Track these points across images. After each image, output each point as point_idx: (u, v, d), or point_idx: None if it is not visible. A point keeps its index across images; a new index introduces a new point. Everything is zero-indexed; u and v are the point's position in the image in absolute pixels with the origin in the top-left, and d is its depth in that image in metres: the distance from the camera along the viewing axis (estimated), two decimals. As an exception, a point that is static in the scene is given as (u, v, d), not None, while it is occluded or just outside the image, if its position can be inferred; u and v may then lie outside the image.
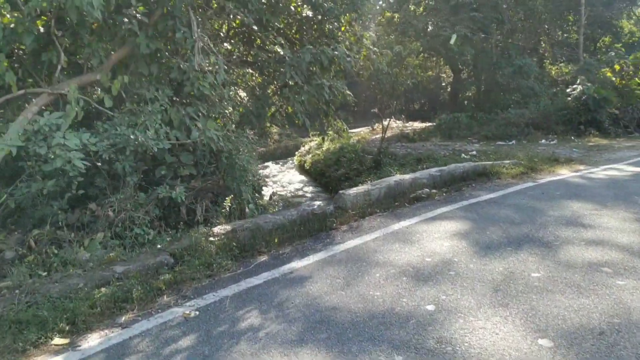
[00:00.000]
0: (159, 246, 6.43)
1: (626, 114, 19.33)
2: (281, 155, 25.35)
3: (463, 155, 15.64)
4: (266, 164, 24.28)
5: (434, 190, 8.82)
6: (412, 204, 8.33)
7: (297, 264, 5.73)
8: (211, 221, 7.76)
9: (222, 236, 6.47)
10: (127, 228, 7.12)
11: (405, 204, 8.27)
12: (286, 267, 5.65)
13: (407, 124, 25.80)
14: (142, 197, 7.60)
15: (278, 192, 16.97)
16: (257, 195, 10.32)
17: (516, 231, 6.47)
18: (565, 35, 28.22)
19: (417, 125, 25.24)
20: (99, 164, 7.61)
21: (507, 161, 11.23)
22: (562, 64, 25.79)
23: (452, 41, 19.27)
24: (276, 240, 6.51)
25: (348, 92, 10.73)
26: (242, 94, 11.17)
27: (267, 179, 19.97)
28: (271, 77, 10.27)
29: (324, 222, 7.21)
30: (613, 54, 22.88)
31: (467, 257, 5.58)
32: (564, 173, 10.69)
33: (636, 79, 20.79)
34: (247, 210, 8.24)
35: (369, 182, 9.10)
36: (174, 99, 8.66)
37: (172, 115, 7.97)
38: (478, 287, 4.77)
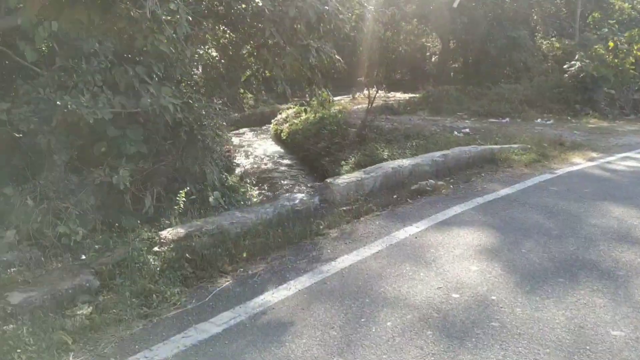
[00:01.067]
0: (83, 257, 4.62)
1: (621, 94, 17.88)
2: (256, 122, 23.31)
3: (455, 132, 13.98)
4: (241, 130, 22.28)
5: (440, 182, 7.11)
6: (414, 198, 6.64)
7: (272, 297, 3.99)
8: (164, 214, 5.97)
9: (172, 245, 4.69)
10: (50, 224, 5.27)
11: (407, 199, 6.56)
12: (257, 302, 3.90)
13: (389, 94, 23.95)
14: (74, 181, 5.75)
15: (252, 166, 15.15)
16: (225, 176, 8.50)
17: (559, 249, 4.83)
18: (554, 9, 26.48)
19: (400, 96, 23.39)
20: (20, 135, 5.73)
21: (515, 145, 9.59)
22: (553, 39, 24.11)
23: (455, 4, 17.45)
24: (244, 255, 4.75)
25: (337, 56, 8.85)
26: (214, 53, 9.22)
27: (240, 148, 18.10)
28: (246, 34, 8.32)
29: (307, 225, 5.47)
30: (606, 30, 21.30)
31: (510, 295, 3.92)
32: (579, 162, 9.09)
33: (630, 58, 19.30)
34: (210, 199, 6.44)
35: (360, 170, 7.36)
36: (125, 55, 6.74)
37: (116, 76, 6.04)
38: (541, 355, 3.13)
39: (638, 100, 17.98)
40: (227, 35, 8.52)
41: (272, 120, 21.41)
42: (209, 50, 8.93)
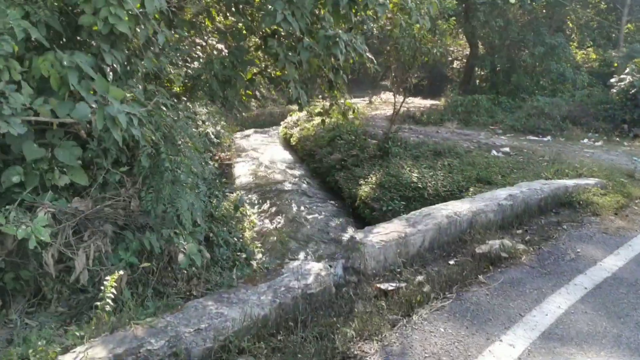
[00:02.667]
0: None
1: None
2: (264, 123, 20.99)
3: (493, 152, 11.63)
4: (247, 132, 19.97)
5: (518, 245, 4.78)
6: (485, 271, 4.31)
7: None
8: (103, 283, 3.70)
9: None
10: None
11: (476, 273, 4.23)
12: None
13: (407, 100, 21.54)
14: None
15: (255, 176, 12.83)
16: (213, 203, 6.22)
17: None
18: (592, 16, 23.90)
19: (420, 102, 21.00)
20: None
21: (591, 181, 7.22)
22: (589, 48, 21.61)
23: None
24: None
25: (369, 55, 6.54)
26: (215, 43, 6.89)
27: (244, 153, 15.80)
28: (251, 19, 6.03)
29: (326, 331, 3.18)
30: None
31: None
32: (676, 207, 6.74)
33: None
34: (180, 258, 4.14)
35: (402, 216, 5.02)
36: (63, 39, 4.54)
37: (42, 65, 3.75)
38: None
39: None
40: (227, 19, 6.21)
41: (282, 123, 19.06)
42: (208, 39, 6.63)
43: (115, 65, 4.20)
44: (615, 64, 17.82)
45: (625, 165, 10.08)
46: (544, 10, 20.54)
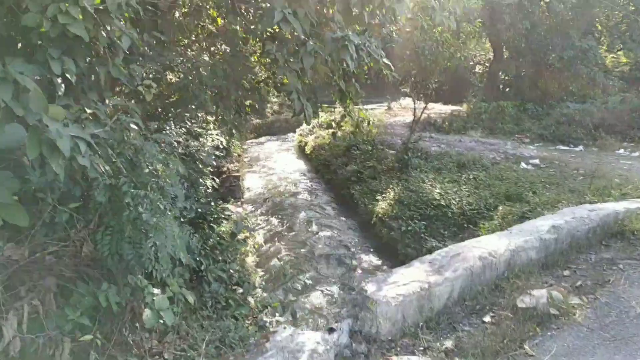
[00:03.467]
0: None
1: None
2: (280, 129, 20.08)
3: (523, 164, 10.55)
4: (262, 139, 19.11)
5: (574, 300, 3.78)
6: (530, 332, 3.33)
7: None
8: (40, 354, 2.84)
9: None
10: None
11: (519, 340, 3.26)
12: None
13: (427, 107, 20.41)
14: None
15: (265, 188, 11.95)
16: (206, 232, 5.33)
17: None
18: (623, 18, 22.42)
19: (441, 108, 19.85)
20: None
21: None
22: (620, 52, 20.24)
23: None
24: None
25: (386, 60, 5.60)
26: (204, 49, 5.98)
27: (256, 163, 14.93)
28: (248, 19, 5.12)
29: None
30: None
31: None
32: None
33: None
34: (145, 317, 3.25)
35: (424, 257, 4.04)
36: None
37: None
38: None
39: None
40: (218, 20, 5.32)
41: (297, 130, 18.15)
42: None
43: (69, 76, 3.35)
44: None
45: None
46: (569, 13, 19.28)
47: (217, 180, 7.18)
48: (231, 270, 5.56)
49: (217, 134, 10.54)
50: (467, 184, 9.25)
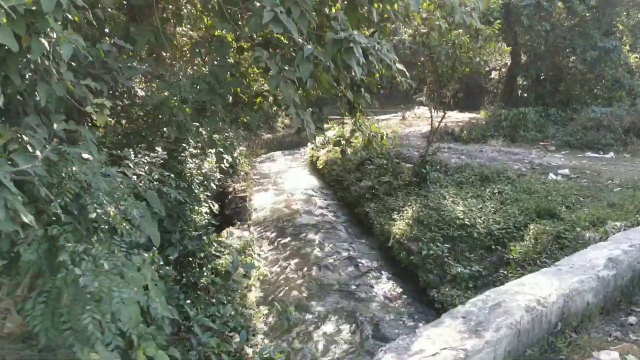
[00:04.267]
0: None
1: None
2: (291, 144, 19.31)
3: (551, 175, 9.59)
4: (273, 154, 18.36)
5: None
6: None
7: None
8: None
9: None
10: None
11: None
12: None
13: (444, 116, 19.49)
14: None
15: (274, 207, 11.14)
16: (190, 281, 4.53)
17: None
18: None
19: (457, 116, 18.91)
20: None
21: None
22: (643, 52, 19.13)
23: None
24: None
25: (400, 65, 4.78)
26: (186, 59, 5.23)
27: (266, 180, 14.15)
28: (235, 20, 4.34)
29: None
30: None
31: None
32: None
33: None
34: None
35: (457, 310, 3.20)
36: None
37: None
38: None
39: None
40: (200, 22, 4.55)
41: (309, 144, 17.34)
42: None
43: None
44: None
45: None
46: (588, 14, 18.28)
47: (217, 205, 6.37)
48: (228, 313, 4.74)
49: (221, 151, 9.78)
50: (492, 199, 8.34)
